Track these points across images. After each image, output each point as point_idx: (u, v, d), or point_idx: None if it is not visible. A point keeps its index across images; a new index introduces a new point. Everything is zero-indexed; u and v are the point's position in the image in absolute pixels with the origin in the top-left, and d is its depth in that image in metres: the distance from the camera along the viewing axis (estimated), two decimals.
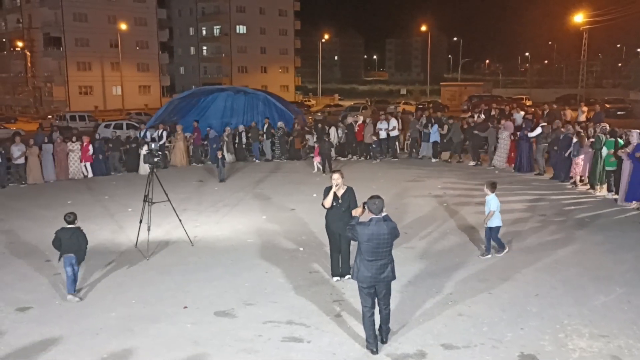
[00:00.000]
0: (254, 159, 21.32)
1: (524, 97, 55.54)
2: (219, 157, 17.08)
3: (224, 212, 13.36)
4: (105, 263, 9.61)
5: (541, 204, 13.44)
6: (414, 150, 21.07)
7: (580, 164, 15.23)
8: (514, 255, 9.61)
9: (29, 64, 62.69)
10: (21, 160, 17.15)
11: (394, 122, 20.86)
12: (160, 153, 19.25)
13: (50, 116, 44.74)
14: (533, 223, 11.69)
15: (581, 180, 15.29)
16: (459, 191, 14.94)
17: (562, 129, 16.26)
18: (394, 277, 6.50)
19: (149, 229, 9.90)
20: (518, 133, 17.89)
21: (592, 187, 14.55)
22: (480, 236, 10.48)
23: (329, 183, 8.46)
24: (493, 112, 22.36)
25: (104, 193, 15.76)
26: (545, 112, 20.84)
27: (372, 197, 6.41)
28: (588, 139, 15.14)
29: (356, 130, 21.14)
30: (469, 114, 24.10)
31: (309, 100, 71.24)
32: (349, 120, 22.01)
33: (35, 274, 9.19)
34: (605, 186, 14.21)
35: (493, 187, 9.40)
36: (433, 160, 20.14)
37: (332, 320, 7.24)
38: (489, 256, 9.49)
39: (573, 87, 69.41)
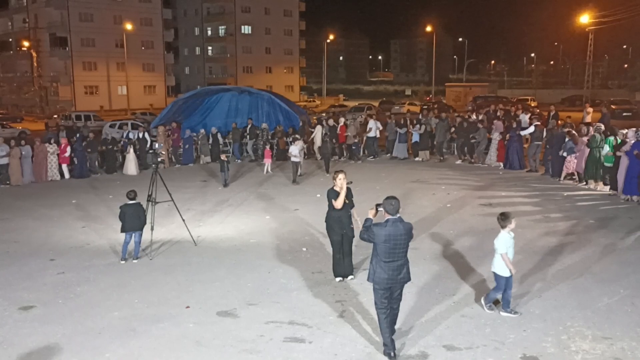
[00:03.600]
0: (237, 160, 21.38)
1: (530, 98, 55.41)
2: (224, 159, 17.01)
3: (227, 212, 13.38)
4: (109, 263, 9.64)
5: (540, 202, 13.49)
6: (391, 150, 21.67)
7: (573, 161, 15.64)
8: (517, 256, 9.55)
9: (35, 64, 62.91)
10: (4, 161, 17.12)
11: (371, 123, 21.24)
12: (163, 153, 19.38)
13: (55, 116, 44.92)
14: (534, 222, 11.65)
15: (572, 177, 15.74)
16: (463, 192, 14.91)
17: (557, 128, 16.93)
18: (409, 279, 6.40)
19: (152, 229, 9.93)
20: (509, 133, 18.27)
21: (586, 182, 15.12)
22: (483, 237, 10.45)
23: (331, 183, 8.47)
24: (498, 113, 22.34)
25: (108, 193, 15.81)
26: (552, 114, 20.76)
27: (388, 198, 6.22)
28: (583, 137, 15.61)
29: (338, 132, 21.26)
30: (474, 114, 24.08)
31: (313, 101, 71.26)
32: (331, 122, 22.02)
33: (39, 274, 9.22)
34: (601, 182, 14.79)
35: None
36: (416, 159, 20.62)
37: (334, 320, 7.24)
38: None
39: (579, 88, 69.29)
